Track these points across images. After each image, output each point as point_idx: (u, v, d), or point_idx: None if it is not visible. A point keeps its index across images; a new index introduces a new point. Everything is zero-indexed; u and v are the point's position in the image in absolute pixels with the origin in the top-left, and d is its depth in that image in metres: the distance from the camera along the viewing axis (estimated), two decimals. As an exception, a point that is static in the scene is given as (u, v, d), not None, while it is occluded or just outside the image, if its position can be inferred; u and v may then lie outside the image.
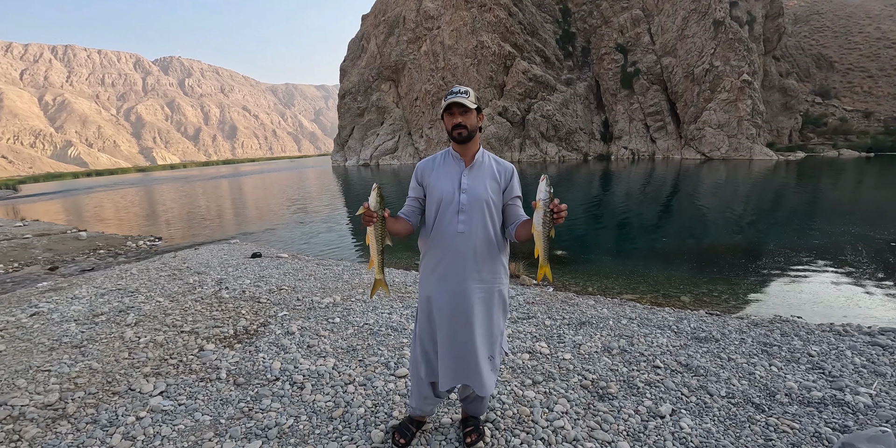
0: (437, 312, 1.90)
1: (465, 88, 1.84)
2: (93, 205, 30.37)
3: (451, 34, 60.87)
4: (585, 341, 3.32)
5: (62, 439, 2.51)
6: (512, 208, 1.93)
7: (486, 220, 1.86)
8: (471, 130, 1.84)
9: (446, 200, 1.87)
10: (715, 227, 11.22)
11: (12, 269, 9.56)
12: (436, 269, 1.92)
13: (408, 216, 1.97)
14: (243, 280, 5.82)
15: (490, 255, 1.89)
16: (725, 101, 47.01)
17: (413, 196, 1.99)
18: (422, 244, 2.01)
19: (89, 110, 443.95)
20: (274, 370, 2.97)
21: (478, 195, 1.85)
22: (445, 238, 1.87)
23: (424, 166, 1.99)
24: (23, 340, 4.32)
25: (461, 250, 1.85)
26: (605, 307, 4.25)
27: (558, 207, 1.57)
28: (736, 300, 5.81)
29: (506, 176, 1.93)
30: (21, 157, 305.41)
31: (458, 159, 1.93)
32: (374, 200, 1.69)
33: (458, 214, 1.85)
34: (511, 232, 1.90)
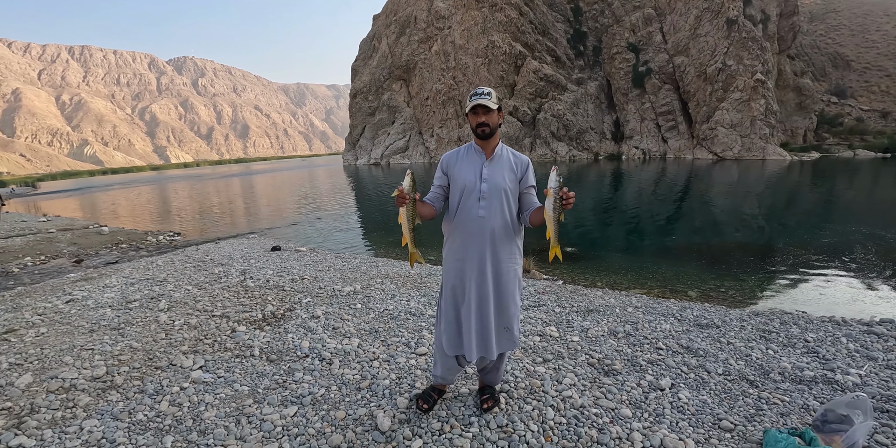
0: (460, 288, 2.14)
1: (489, 90, 2.07)
2: (110, 202, 31.08)
3: (462, 34, 61.02)
4: (593, 326, 3.53)
5: (114, 406, 2.77)
6: (527, 196, 2.16)
7: (504, 207, 2.09)
8: (492, 128, 2.08)
9: (469, 188, 2.10)
10: (725, 226, 11.30)
11: (39, 261, 9.97)
12: (459, 249, 2.15)
13: (432, 202, 2.19)
14: (266, 271, 6.09)
15: (507, 237, 2.12)
16: (738, 101, 46.58)
17: (438, 184, 2.22)
18: (446, 227, 2.24)
19: (105, 110, 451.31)
20: (303, 348, 3.22)
21: (497, 184, 2.08)
22: (467, 221, 2.10)
23: (450, 158, 2.22)
24: (62, 324, 4.62)
25: (481, 232, 2.08)
26: (612, 297, 4.45)
27: (567, 194, 1.80)
28: (742, 295, 5.95)
29: (522, 167, 2.17)
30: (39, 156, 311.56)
31: (479, 152, 2.17)
32: (408, 184, 1.91)
33: (480, 201, 2.08)
34: (525, 217, 2.13)
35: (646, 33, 55.33)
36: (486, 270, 2.09)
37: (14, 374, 3.43)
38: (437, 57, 65.05)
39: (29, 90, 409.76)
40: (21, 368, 3.53)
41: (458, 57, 61.87)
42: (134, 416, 2.64)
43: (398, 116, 72.44)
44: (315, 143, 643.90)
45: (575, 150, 55.29)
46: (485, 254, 2.09)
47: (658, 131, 54.00)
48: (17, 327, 4.63)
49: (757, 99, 45.58)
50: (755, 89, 45.56)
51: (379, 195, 23.13)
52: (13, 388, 3.20)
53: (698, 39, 50.62)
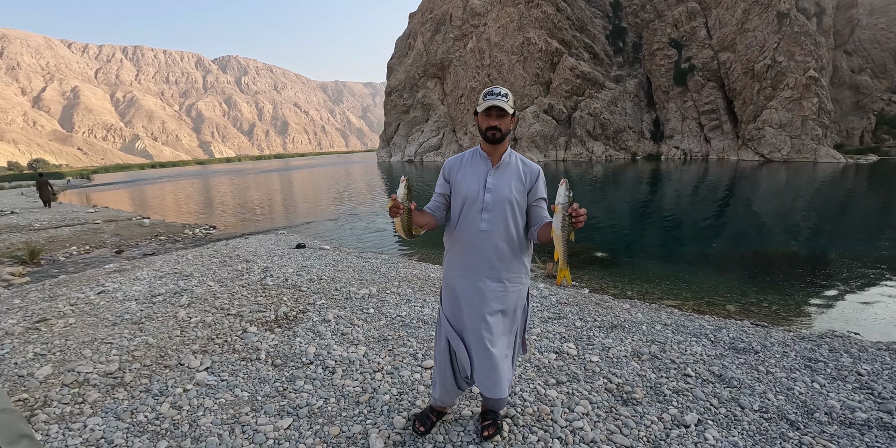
0: (459, 307, 1.96)
1: (506, 91, 1.87)
2: (155, 194, 32.53)
3: (498, 31, 60.37)
4: (615, 345, 3.28)
5: (119, 404, 2.77)
6: (536, 210, 1.95)
7: (509, 220, 1.89)
8: (504, 133, 1.89)
9: (471, 198, 1.91)
10: (771, 234, 10.60)
11: (84, 251, 10.44)
12: (458, 265, 1.97)
13: (433, 211, 2.01)
14: (287, 269, 6.11)
15: (511, 254, 1.91)
16: (789, 99, 43.97)
17: (439, 192, 2.03)
18: (446, 240, 2.06)
19: (155, 106, 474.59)
20: (309, 354, 3.13)
21: (502, 195, 1.89)
22: (468, 235, 1.91)
23: (452, 164, 2.03)
24: (90, 315, 4.74)
25: (483, 248, 1.89)
26: (639, 311, 4.15)
27: (577, 211, 1.58)
28: (787, 312, 5.49)
29: (531, 177, 1.95)
30: (94, 149, 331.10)
31: (485, 159, 1.96)
32: (402, 193, 1.76)
33: (482, 213, 1.89)
34: (533, 233, 1.92)
35: (689, 28, 53.02)
36: (487, 289, 1.91)
37: (36, 364, 3.51)
38: (472, 54, 64.65)
39: (86, 88, 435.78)
40: (44, 359, 3.61)
41: (493, 54, 61.29)
42: (135, 416, 2.62)
43: (432, 114, 72.56)
44: (351, 140, 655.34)
45: (612, 150, 53.78)
46: (486, 271, 1.90)
47: (700, 131, 51.76)
48: (50, 317, 4.78)
49: (809, 97, 42.89)
50: (807, 87, 42.88)
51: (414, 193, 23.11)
52: (33, 379, 3.27)
53: (746, 34, 48.07)
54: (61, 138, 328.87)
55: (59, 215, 16.99)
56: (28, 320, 4.71)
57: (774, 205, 15.22)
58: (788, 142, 43.67)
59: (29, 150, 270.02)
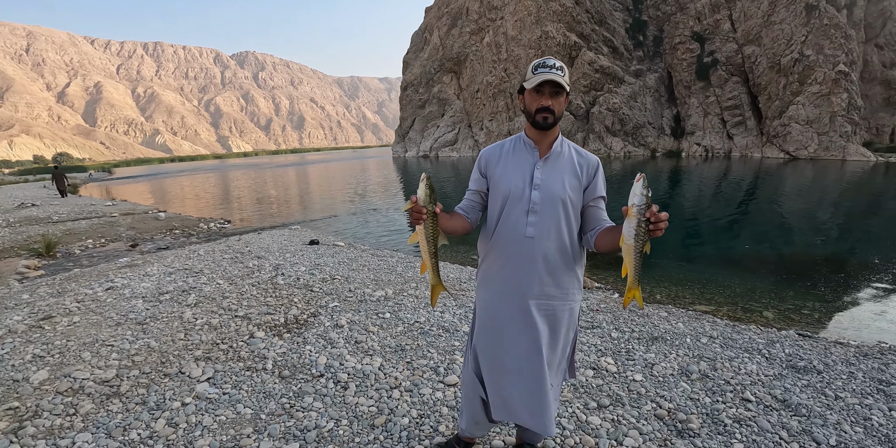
0: (496, 330, 1.62)
1: (561, 63, 1.50)
2: (173, 188, 32.84)
3: (515, 25, 59.49)
4: (659, 361, 2.93)
5: (112, 418, 2.53)
6: (593, 211, 1.60)
7: (561, 224, 1.55)
8: (557, 116, 1.53)
9: (514, 197, 1.57)
10: (802, 234, 10.05)
11: (100, 244, 10.40)
12: (496, 279, 1.62)
13: (466, 212, 1.66)
14: (299, 267, 5.86)
15: (563, 265, 1.57)
16: (817, 95, 42.39)
17: (474, 189, 1.69)
18: (482, 247, 1.71)
19: (174, 102, 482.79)
20: (319, 365, 2.86)
21: (553, 193, 1.54)
22: (510, 242, 1.57)
23: (490, 154, 1.68)
24: (95, 313, 4.56)
25: (528, 258, 1.55)
26: (679, 321, 3.78)
27: (657, 216, 1.23)
28: (829, 320, 5.07)
29: (589, 171, 1.60)
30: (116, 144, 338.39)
31: (531, 148, 1.60)
32: (424, 193, 1.39)
33: (528, 215, 1.54)
34: (590, 240, 1.57)
35: (712, 21, 51.45)
36: (531, 308, 1.56)
37: (33, 367, 3.32)
38: (489, 49, 63.88)
39: (109, 83, 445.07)
40: (42, 362, 3.42)
41: (509, 48, 60.46)
42: (128, 434, 2.37)
43: (448, 109, 72.06)
44: (367, 135, 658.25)
45: (631, 146, 52.71)
46: (531, 286, 1.56)
47: (723, 127, 50.36)
48: (55, 314, 4.62)
49: (838, 93, 41.28)
50: (836, 82, 41.26)
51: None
52: (27, 384, 3.07)
53: (772, 27, 46.43)
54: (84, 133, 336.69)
55: (77, 208, 17.12)
56: (33, 317, 4.55)
57: (802, 204, 14.55)
58: (816, 139, 42.18)
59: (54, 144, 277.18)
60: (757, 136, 48.04)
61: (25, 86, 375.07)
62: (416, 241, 1.46)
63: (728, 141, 49.96)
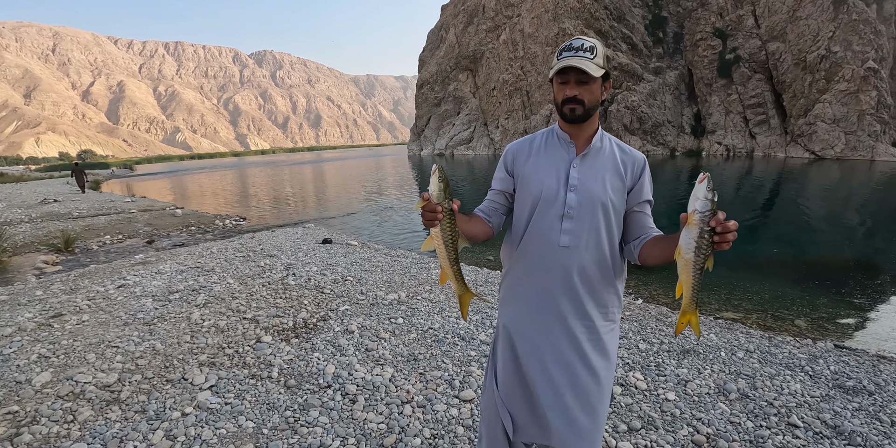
0: (525, 355, 1.38)
1: (591, 43, 1.26)
2: (192, 185, 33.28)
3: (532, 22, 58.87)
4: (693, 377, 2.69)
5: (110, 427, 2.42)
6: (638, 217, 1.36)
7: (601, 232, 1.31)
8: (589, 107, 1.29)
9: (546, 200, 1.34)
10: (829, 237, 9.60)
11: (117, 240, 10.48)
12: (523, 296, 1.39)
13: (487, 215, 1.43)
14: (311, 267, 5.74)
15: (602, 280, 1.33)
16: (844, 93, 40.95)
17: (498, 189, 1.45)
18: (506, 257, 1.47)
19: (194, 100, 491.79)
20: (327, 375, 2.70)
21: (592, 195, 1.31)
22: (541, 253, 1.34)
23: (518, 150, 1.45)
24: (105, 312, 4.49)
25: (562, 272, 1.31)
26: (711, 331, 3.53)
27: (724, 225, 0.98)
28: (865, 330, 4.74)
29: (634, 170, 1.36)
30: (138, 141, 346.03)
31: (566, 143, 1.37)
32: (437, 188, 1.14)
33: (563, 221, 1.32)
34: (634, 251, 1.33)
35: (735, 17, 50.13)
36: (564, 330, 1.33)
37: (37, 369, 3.24)
38: (505, 46, 63.36)
39: (131, 82, 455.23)
40: (46, 363, 3.34)
41: (526, 46, 59.87)
42: (124, 445, 2.24)
43: (463, 107, 71.78)
44: (382, 133, 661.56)
45: (649, 145, 51.76)
46: (564, 305, 1.32)
47: (745, 126, 49.09)
48: (65, 312, 4.57)
49: (867, 90, 39.82)
50: (865, 79, 39.79)
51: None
52: (29, 386, 2.99)
53: (798, 23, 45.01)
54: (108, 130, 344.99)
55: (97, 204, 17.38)
56: (44, 315, 4.51)
57: (829, 205, 13.97)
58: (843, 138, 40.81)
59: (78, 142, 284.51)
60: (781, 135, 46.72)
61: (52, 85, 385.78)
62: (431, 246, 1.21)
63: (750, 140, 48.70)
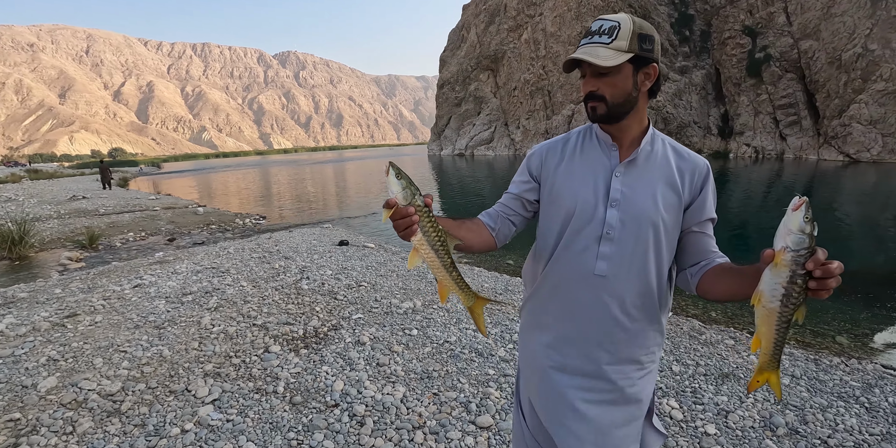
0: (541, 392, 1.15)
1: (613, 22, 1.02)
2: (217, 183, 33.86)
3: (554, 21, 58.17)
4: (734, 407, 2.43)
5: (108, 442, 2.31)
6: (697, 239, 1.09)
7: (649, 258, 1.05)
8: (613, 103, 1.03)
9: (582, 216, 1.07)
10: (865, 246, 8.99)
11: (140, 237, 10.62)
12: (549, 330, 1.14)
13: (493, 221, 1.16)
14: (325, 270, 5.62)
15: (646, 315, 1.08)
16: (882, 93, 39.16)
17: (514, 193, 1.19)
18: (529, 278, 1.23)
19: (220, 100, 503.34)
20: (335, 392, 2.53)
21: (639, 212, 1.04)
22: (573, 281, 1.08)
23: (548, 151, 1.18)
24: (118, 313, 4.45)
25: (598, 305, 1.06)
26: (751, 352, 3.25)
27: (826, 268, 0.74)
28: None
29: (693, 180, 1.08)
30: (166, 140, 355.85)
31: (608, 146, 1.11)
32: (399, 187, 0.87)
33: (600, 243, 1.05)
34: (692, 280, 1.07)
35: (766, 14, 48.49)
36: (593, 378, 1.09)
37: (44, 372, 3.19)
38: (527, 46, 62.79)
39: (160, 83, 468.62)
40: (54, 366, 3.28)
41: (548, 45, 59.20)
42: (120, 464, 2.13)
43: (484, 107, 71.45)
44: (403, 133, 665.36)
45: (673, 147, 50.57)
46: (597, 346, 1.08)
47: (775, 127, 47.49)
48: (80, 312, 4.55)
49: (908, 90, 38.08)
50: (906, 79, 38.06)
51: (462, 187, 22.41)
52: (34, 392, 2.92)
53: (832, 20, 43.26)
54: (137, 129, 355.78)
55: (123, 201, 17.77)
56: (59, 315, 4.49)
57: (865, 211, 13.22)
58: (880, 140, 39.06)
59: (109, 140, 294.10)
60: (813, 137, 45.03)
61: (85, 85, 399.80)
62: (419, 260, 0.93)
63: (780, 142, 47.11)
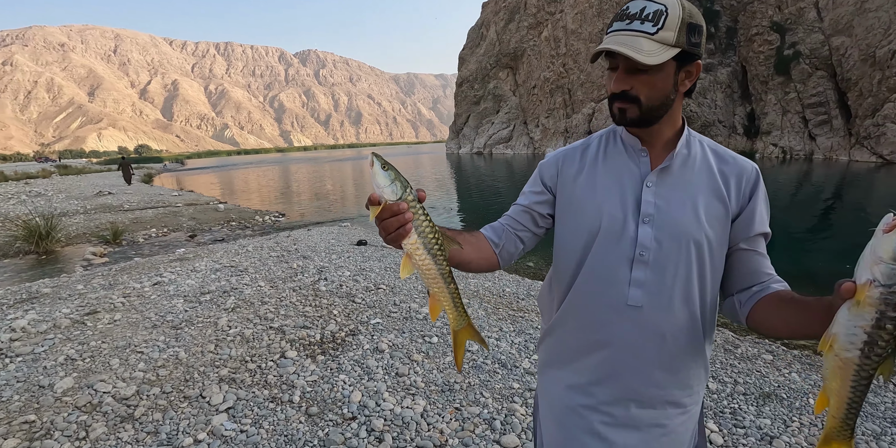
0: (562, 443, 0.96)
1: (658, 5, 0.81)
2: (238, 179, 34.37)
3: (575, 18, 57.36)
4: (779, 432, 2.23)
5: (120, 449, 2.24)
6: (748, 258, 0.89)
7: (693, 283, 0.87)
8: (648, 106, 0.86)
9: (608, 235, 0.89)
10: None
11: (162, 233, 10.76)
12: (570, 371, 0.96)
13: (497, 237, 0.98)
14: (343, 271, 5.55)
15: (689, 351, 0.89)
16: (920, 91, 37.64)
17: (524, 205, 1.01)
18: (546, 307, 1.05)
19: (242, 98, 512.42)
20: (352, 404, 2.43)
21: (678, 229, 0.86)
22: (599, 313, 0.90)
23: (565, 159, 1.01)
24: (137, 311, 4.45)
25: (633, 342, 0.88)
26: (791, 368, 3.01)
27: None
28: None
29: (742, 187, 0.90)
30: (190, 137, 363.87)
31: (636, 151, 0.94)
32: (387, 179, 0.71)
33: (633, 267, 0.87)
34: (741, 309, 0.87)
35: (795, 10, 46.89)
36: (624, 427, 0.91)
37: (62, 372, 3.18)
38: (547, 43, 62.07)
39: (184, 81, 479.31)
40: (72, 366, 3.27)
41: (569, 43, 58.42)
42: (132, 475, 2.06)
43: (503, 105, 70.99)
44: (421, 131, 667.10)
45: (696, 147, 49.44)
46: (631, 392, 0.90)
47: (804, 127, 45.97)
48: (100, 310, 4.56)
49: (948, 89, 36.43)
50: (946, 77, 36.41)
51: (480, 186, 22.21)
52: (50, 393, 2.90)
53: (866, 15, 41.57)
54: (162, 126, 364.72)
55: (147, 197, 18.10)
56: (79, 312, 4.51)
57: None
58: (917, 141, 37.51)
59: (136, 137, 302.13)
60: (844, 137, 43.45)
61: (113, 83, 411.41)
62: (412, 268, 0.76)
63: (809, 142, 45.58)
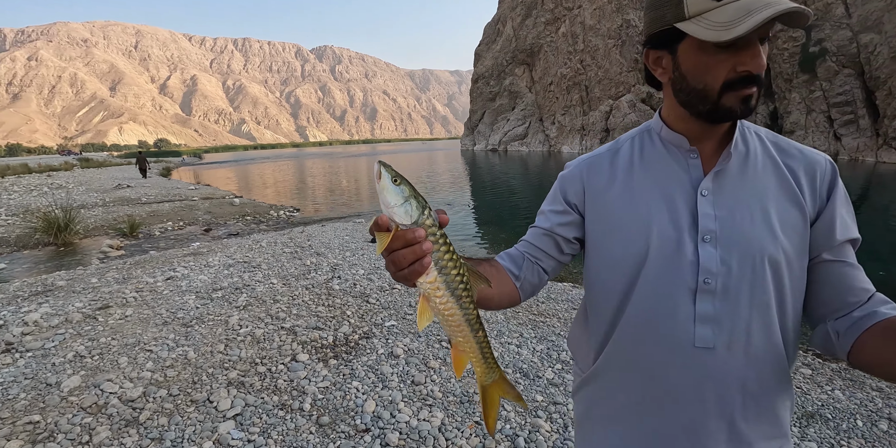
0: None
1: None
2: (254, 174, 34.62)
3: (594, 13, 56.40)
4: (831, 457, 2.03)
5: (123, 457, 2.13)
6: (837, 271, 0.70)
7: (772, 311, 0.68)
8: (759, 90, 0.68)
9: (660, 260, 0.71)
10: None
11: (177, 227, 10.78)
12: (620, 427, 0.78)
13: (516, 267, 0.81)
14: (357, 269, 5.42)
15: (776, 392, 0.71)
16: (955, 91, 36.15)
17: (545, 228, 0.83)
18: (581, 352, 0.87)
19: (259, 93, 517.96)
20: (366, 414, 2.28)
21: (750, 244, 0.68)
22: (658, 358, 0.72)
23: (590, 167, 0.82)
24: (148, 307, 4.38)
25: (704, 391, 0.69)
26: (835, 386, 2.77)
27: None
28: None
29: (816, 184, 0.71)
30: (208, 131, 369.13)
31: (683, 152, 0.75)
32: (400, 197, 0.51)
33: (697, 299, 0.68)
34: (840, 341, 0.67)
35: (822, 5, 45.20)
36: None
37: (69, 370, 3.10)
38: (564, 39, 61.21)
39: (203, 76, 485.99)
40: (80, 364, 3.19)
41: (587, 39, 57.50)
42: (133, 485, 1.94)
43: (519, 102, 70.33)
44: (436, 127, 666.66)
45: (716, 146, 48.33)
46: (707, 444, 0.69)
47: (829, 126, 44.50)
48: (112, 304, 4.51)
49: (985, 88, 34.89)
50: (982, 75, 34.84)
51: (494, 183, 21.95)
52: (57, 391, 2.81)
53: (898, 11, 40.10)
54: (181, 121, 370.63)
55: (164, 191, 18.28)
56: (92, 306, 4.46)
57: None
58: (950, 142, 36.08)
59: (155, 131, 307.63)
60: (871, 138, 41.91)
61: (133, 78, 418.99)
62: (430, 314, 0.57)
63: (835, 142, 44.14)
